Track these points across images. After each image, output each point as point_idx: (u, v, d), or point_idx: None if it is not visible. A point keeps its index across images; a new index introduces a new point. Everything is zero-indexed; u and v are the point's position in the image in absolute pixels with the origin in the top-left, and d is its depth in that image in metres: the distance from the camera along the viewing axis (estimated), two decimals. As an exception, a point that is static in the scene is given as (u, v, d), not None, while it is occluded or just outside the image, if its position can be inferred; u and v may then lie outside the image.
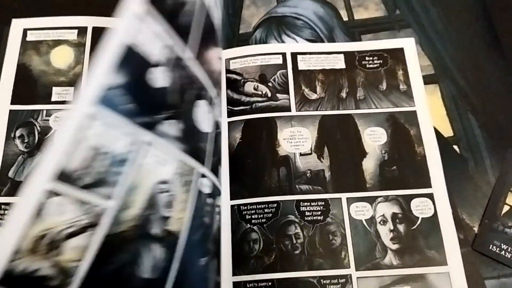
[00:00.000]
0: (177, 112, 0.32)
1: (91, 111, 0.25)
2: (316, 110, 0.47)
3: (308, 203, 0.43)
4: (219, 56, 0.45)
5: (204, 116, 0.37)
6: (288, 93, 0.47)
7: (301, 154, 0.45)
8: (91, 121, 0.25)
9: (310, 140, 0.45)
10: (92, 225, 0.26)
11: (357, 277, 0.41)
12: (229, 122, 0.46)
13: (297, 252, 0.41)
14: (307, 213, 0.43)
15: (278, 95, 0.47)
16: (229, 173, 0.44)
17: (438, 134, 0.47)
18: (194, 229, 0.33)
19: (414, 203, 0.43)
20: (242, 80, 0.48)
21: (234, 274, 0.41)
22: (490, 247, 0.42)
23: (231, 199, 0.43)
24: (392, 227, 0.42)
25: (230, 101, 0.47)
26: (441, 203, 0.43)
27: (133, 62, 0.28)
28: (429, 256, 0.42)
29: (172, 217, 0.31)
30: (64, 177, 0.25)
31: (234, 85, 0.48)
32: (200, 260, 0.35)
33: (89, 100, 0.25)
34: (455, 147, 0.47)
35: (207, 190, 0.36)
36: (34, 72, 0.47)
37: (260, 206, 0.42)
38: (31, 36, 0.49)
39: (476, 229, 0.43)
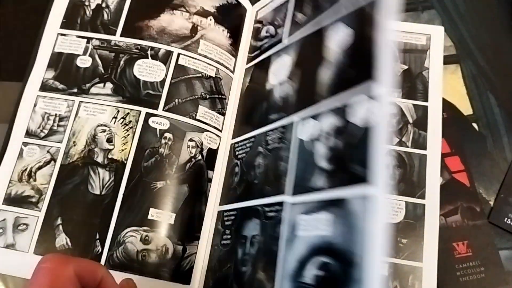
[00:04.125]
0: (105, 78, 0.46)
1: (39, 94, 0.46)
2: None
3: (272, 131, 0.39)
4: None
5: (144, 72, 0.46)
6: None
7: (280, 84, 0.41)
8: (40, 99, 0.45)
9: (288, 67, 0.41)
10: (52, 160, 0.43)
11: (291, 203, 0.33)
12: (246, 69, 0.48)
13: (256, 181, 0.40)
14: (269, 142, 0.39)
15: (278, 30, 0.45)
16: (236, 115, 0.46)
17: (458, 112, 0.49)
18: (143, 157, 0.43)
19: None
20: (261, 27, 0.49)
21: (220, 203, 0.43)
22: (505, 220, 0.44)
23: (233, 138, 0.45)
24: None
25: (250, 49, 0.49)
26: (433, 161, 0.45)
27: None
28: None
29: (115, 148, 0.43)
30: (30, 133, 0.44)
31: (255, 33, 0.49)
32: (154, 183, 0.42)
33: (37, 87, 0.46)
34: (474, 124, 0.48)
35: (159, 126, 0.44)
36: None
37: (244, 142, 0.44)
38: None
39: (492, 202, 0.45)
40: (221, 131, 0.46)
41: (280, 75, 0.41)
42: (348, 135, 0.30)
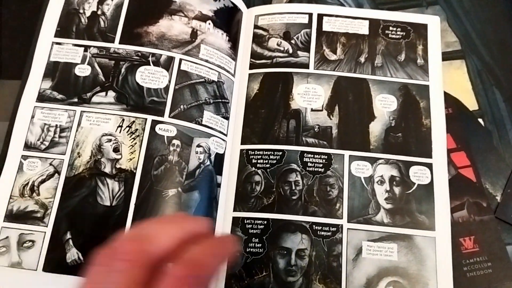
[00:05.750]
0: (107, 86, 0.45)
1: (37, 105, 0.44)
2: (334, 70, 0.48)
3: (312, 155, 0.45)
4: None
5: (146, 79, 0.45)
6: (308, 51, 0.49)
7: (312, 110, 0.47)
8: (38, 110, 0.44)
9: (323, 98, 0.47)
10: (56, 172, 0.42)
11: (348, 228, 0.43)
12: (249, 74, 0.48)
13: (294, 197, 0.44)
14: (309, 164, 0.45)
15: (299, 52, 0.49)
16: (243, 120, 0.46)
17: (463, 107, 0.49)
18: (152, 166, 0.42)
19: (413, 169, 0.45)
20: (267, 36, 0.49)
21: (234, 209, 0.43)
22: (512, 215, 0.44)
23: (242, 143, 0.46)
24: (388, 188, 0.44)
25: (254, 55, 0.49)
26: (439, 174, 0.45)
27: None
28: (419, 220, 0.43)
29: (123, 158, 0.42)
30: (29, 146, 0.43)
31: (259, 39, 0.49)
32: (165, 191, 0.42)
33: (34, 98, 0.44)
34: (480, 120, 0.48)
35: (167, 133, 0.43)
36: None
37: (266, 152, 0.45)
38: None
39: (498, 198, 0.45)
40: (226, 135, 0.45)
41: (311, 101, 0.47)
42: (407, 186, 0.44)
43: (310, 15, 0.50)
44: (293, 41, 0.49)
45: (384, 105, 0.47)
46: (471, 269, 0.42)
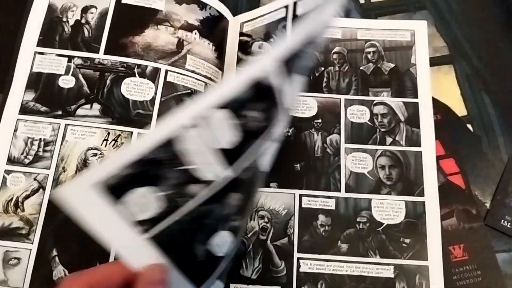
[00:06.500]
0: (92, 99, 0.44)
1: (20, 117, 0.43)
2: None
3: None
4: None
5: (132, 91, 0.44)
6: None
7: None
8: (21, 122, 0.43)
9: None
10: (40, 188, 0.41)
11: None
12: None
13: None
14: None
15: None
16: None
17: (452, 113, 0.48)
18: None
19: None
20: (251, 41, 0.49)
21: None
22: (502, 222, 0.44)
23: None
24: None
25: (240, 63, 0.48)
26: (428, 158, 0.45)
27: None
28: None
29: None
30: (12, 160, 0.42)
31: (244, 47, 0.49)
32: None
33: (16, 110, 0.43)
34: (469, 126, 0.48)
35: None
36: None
37: None
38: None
39: (488, 204, 0.45)
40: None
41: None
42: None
43: (287, 7, 0.48)
44: (272, 39, 0.48)
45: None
46: (461, 277, 0.42)
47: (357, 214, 0.43)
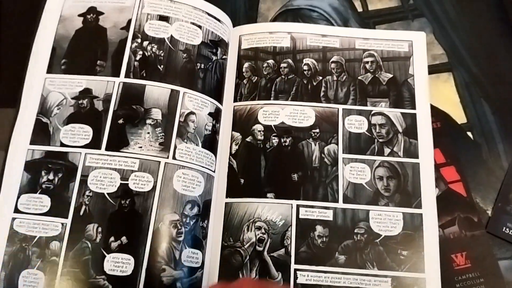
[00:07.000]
0: None
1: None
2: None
3: None
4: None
5: None
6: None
7: None
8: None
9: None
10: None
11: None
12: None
13: None
14: None
15: None
16: None
17: (451, 121, 0.48)
18: None
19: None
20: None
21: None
22: (504, 229, 0.44)
23: None
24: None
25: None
26: (426, 169, 0.45)
27: None
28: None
29: None
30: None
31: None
32: None
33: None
34: (469, 133, 0.48)
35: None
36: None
37: None
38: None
39: (489, 212, 0.45)
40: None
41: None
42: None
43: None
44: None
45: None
46: (463, 285, 0.42)
47: (354, 225, 0.43)
